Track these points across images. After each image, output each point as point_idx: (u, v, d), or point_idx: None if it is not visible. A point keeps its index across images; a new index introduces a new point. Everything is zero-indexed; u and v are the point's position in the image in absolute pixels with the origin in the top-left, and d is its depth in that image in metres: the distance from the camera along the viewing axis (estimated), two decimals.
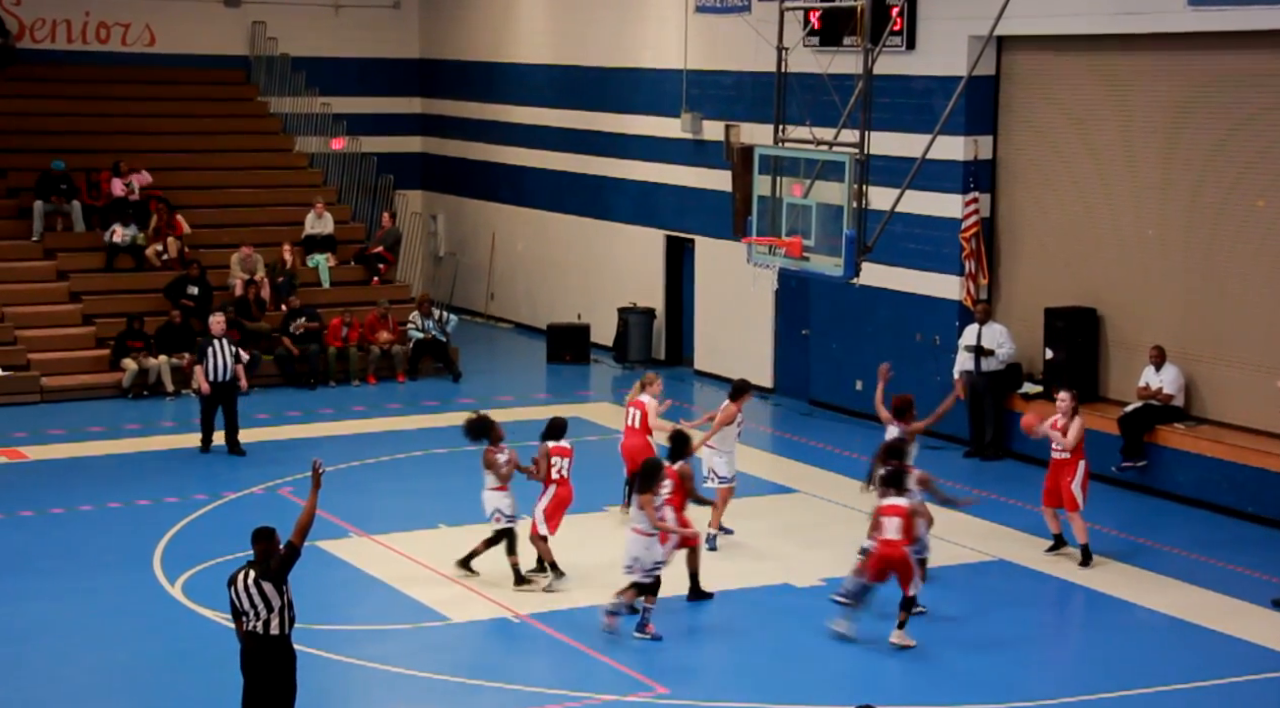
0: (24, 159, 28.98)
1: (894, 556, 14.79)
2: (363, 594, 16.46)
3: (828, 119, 20.37)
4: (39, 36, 31.51)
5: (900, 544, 14.81)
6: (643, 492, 15.16)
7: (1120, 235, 21.18)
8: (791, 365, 25.74)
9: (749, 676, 14.48)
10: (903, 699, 13.82)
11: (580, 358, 28.47)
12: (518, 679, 14.25)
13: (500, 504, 16.45)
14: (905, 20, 22.52)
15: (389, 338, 27.27)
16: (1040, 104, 22.05)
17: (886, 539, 14.85)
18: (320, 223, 29.15)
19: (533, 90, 31.34)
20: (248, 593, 11.64)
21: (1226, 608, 16.24)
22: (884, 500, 15.12)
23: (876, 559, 14.92)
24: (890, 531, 14.85)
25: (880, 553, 14.87)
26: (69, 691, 14.07)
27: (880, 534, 14.91)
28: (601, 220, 29.64)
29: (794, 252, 18.82)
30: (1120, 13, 20.24)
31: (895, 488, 15.14)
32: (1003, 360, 21.82)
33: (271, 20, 32.94)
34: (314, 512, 11.92)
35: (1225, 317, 20.00)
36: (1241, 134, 19.58)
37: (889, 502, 15.01)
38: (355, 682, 14.30)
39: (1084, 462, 17.31)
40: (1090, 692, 14.03)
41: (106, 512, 19.38)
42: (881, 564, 14.88)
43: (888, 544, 14.84)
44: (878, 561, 14.89)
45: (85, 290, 27.15)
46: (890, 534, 14.83)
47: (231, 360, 21.91)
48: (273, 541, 11.83)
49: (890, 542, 14.83)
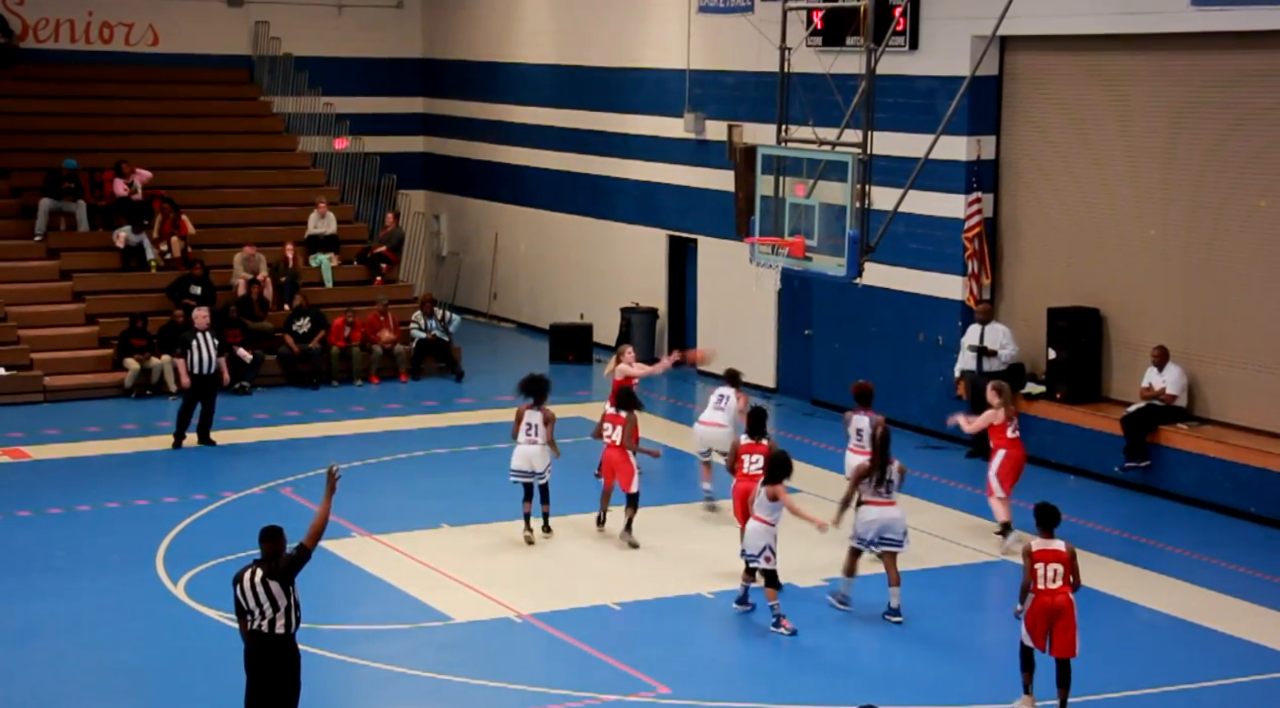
0: (27, 158, 29.00)
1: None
2: (365, 594, 16.46)
3: (830, 119, 20.37)
4: (42, 36, 31.53)
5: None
6: (774, 482, 15.16)
7: (1123, 235, 21.17)
8: (794, 365, 25.74)
9: (751, 675, 14.48)
10: (905, 699, 13.81)
11: (583, 358, 28.47)
12: (520, 679, 14.25)
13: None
14: (908, 20, 22.52)
15: (391, 338, 27.28)
16: (1043, 104, 22.04)
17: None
18: (323, 223, 29.17)
19: (536, 90, 31.35)
20: (254, 591, 11.63)
21: (1229, 608, 16.24)
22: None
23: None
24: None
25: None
26: (72, 690, 14.06)
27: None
28: (604, 220, 29.64)
29: (797, 252, 18.83)
30: (1123, 13, 20.24)
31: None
32: (1005, 361, 21.81)
33: (275, 20, 32.95)
34: (328, 516, 11.94)
35: (1228, 317, 19.99)
36: (1245, 134, 19.57)
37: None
38: (357, 681, 14.30)
39: (1006, 451, 17.75)
40: (1093, 692, 14.01)
41: (108, 511, 19.39)
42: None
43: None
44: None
45: (88, 290, 27.16)
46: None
47: (215, 354, 22.03)
48: (280, 539, 11.83)
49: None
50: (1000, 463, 17.83)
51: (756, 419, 17.09)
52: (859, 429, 17.65)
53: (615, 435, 17.95)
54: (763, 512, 15.19)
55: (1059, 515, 13.52)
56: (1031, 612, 13.19)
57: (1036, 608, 13.16)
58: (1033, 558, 13.21)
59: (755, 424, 17.03)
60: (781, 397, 25.69)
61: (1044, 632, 13.16)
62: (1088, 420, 21.00)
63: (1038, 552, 13.23)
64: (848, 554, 16.04)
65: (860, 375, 24.02)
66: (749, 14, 25.22)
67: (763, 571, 15.23)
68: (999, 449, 17.85)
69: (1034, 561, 13.19)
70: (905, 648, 15.14)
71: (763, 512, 15.19)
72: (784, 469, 15.24)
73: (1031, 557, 13.22)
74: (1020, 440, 18.05)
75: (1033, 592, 13.18)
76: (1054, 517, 13.44)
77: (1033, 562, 13.19)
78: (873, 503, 15.73)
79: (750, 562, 15.32)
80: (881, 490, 15.76)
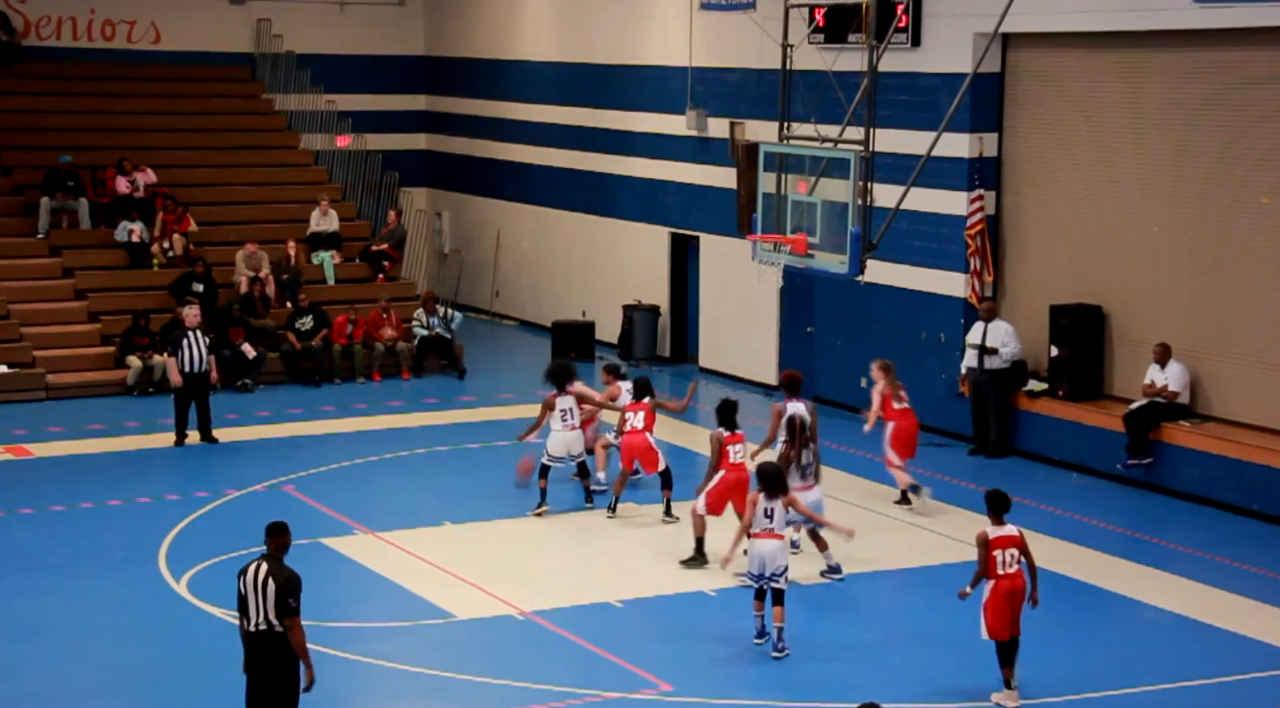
0: (29, 156, 29.02)
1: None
2: (367, 591, 16.46)
3: (833, 116, 20.37)
4: (44, 33, 31.54)
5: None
6: (780, 495, 14.80)
7: (1125, 233, 21.16)
8: (796, 363, 25.64)
9: (754, 673, 14.47)
10: (907, 698, 13.81)
11: (585, 355, 28.45)
12: (522, 676, 14.24)
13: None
14: (910, 17, 22.51)
15: (393, 335, 27.29)
16: (1045, 101, 22.03)
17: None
18: (325, 220, 29.17)
19: (538, 87, 31.34)
20: (255, 588, 11.61)
21: (1233, 605, 16.23)
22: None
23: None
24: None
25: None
26: (75, 688, 14.07)
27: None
28: (606, 217, 29.63)
29: (799, 249, 18.82)
30: (1125, 10, 20.22)
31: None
32: (1008, 359, 21.79)
33: (277, 17, 32.95)
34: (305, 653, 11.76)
35: (1230, 314, 19.98)
36: (1250, 133, 19.55)
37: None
38: (359, 679, 14.30)
39: (895, 422, 19.05)
40: (1096, 689, 14.02)
41: (111, 509, 19.39)
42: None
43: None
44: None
45: (91, 287, 27.17)
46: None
47: (206, 352, 22.06)
48: (286, 535, 11.82)
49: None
50: (891, 434, 19.09)
51: (727, 412, 17.21)
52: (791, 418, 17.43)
53: (637, 422, 18.51)
54: (779, 527, 14.77)
55: (1009, 502, 13.73)
56: (995, 597, 13.45)
57: (1000, 593, 13.44)
58: (990, 545, 13.48)
59: (727, 417, 17.16)
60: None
61: (1008, 615, 13.45)
62: (1090, 418, 21.00)
63: (994, 539, 13.51)
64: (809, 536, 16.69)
65: (863, 373, 24.10)
66: (751, 11, 25.20)
67: (778, 590, 14.68)
68: (889, 421, 19.07)
69: (991, 548, 13.48)
70: (906, 646, 15.13)
71: (779, 527, 14.77)
72: (781, 480, 14.99)
73: (989, 545, 13.49)
74: (910, 411, 19.16)
75: (992, 578, 13.45)
76: (1005, 504, 13.67)
77: (990, 549, 13.47)
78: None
79: (774, 582, 14.65)
80: (801, 476, 16.43)
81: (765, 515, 14.68)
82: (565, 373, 18.94)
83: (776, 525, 14.71)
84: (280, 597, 11.54)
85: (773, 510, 14.67)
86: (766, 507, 14.67)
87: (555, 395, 18.74)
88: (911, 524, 18.91)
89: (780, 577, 14.64)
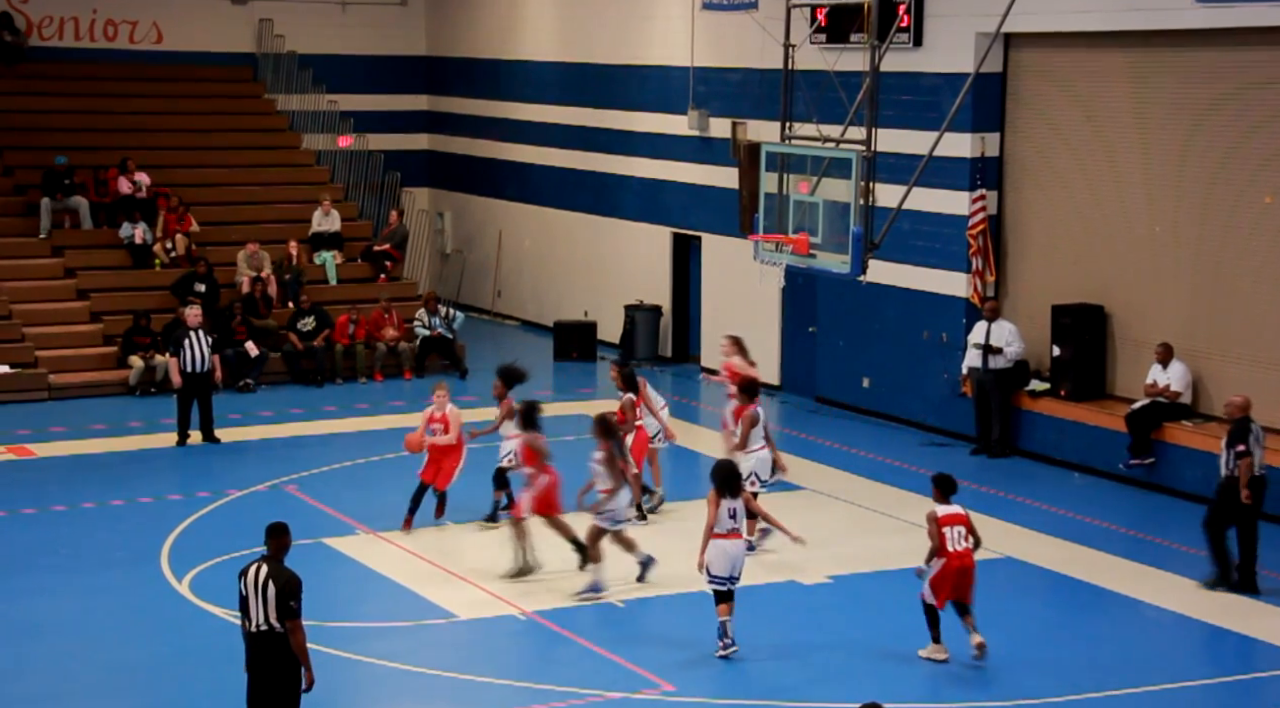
0: (32, 157, 29.03)
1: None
2: (369, 591, 16.47)
3: (834, 116, 20.36)
4: (47, 34, 31.56)
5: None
6: (738, 493, 14.66)
7: (1127, 232, 21.16)
8: (798, 363, 25.74)
9: (756, 673, 14.46)
10: (909, 697, 13.81)
11: (587, 355, 28.47)
12: (524, 676, 14.25)
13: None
14: (912, 17, 22.50)
15: (395, 335, 27.30)
16: (1047, 101, 22.03)
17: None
18: (327, 220, 29.18)
19: (540, 87, 31.34)
20: (256, 589, 11.60)
21: (1235, 605, 16.21)
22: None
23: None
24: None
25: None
26: (76, 688, 14.07)
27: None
28: (608, 217, 29.64)
29: (801, 249, 18.81)
30: (1127, 9, 20.22)
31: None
32: (1011, 359, 21.79)
33: (279, 18, 32.96)
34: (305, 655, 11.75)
35: (1232, 314, 19.97)
36: (1252, 133, 19.54)
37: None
38: (361, 679, 14.30)
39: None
40: (1098, 689, 14.01)
41: (113, 509, 19.40)
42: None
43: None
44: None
45: (92, 288, 27.18)
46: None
47: (208, 352, 22.05)
48: (286, 536, 11.80)
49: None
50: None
51: (529, 415, 17.11)
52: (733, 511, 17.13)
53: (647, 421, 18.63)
54: (742, 526, 14.69)
55: (956, 484, 14.46)
56: (944, 572, 14.18)
57: (950, 569, 14.19)
58: (939, 523, 14.23)
59: (527, 420, 17.07)
60: (786, 394, 25.69)
61: (951, 589, 14.22)
62: (1092, 417, 20.99)
63: (943, 517, 14.26)
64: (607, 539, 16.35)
65: (865, 372, 24.18)
66: (753, 11, 25.21)
67: (726, 591, 14.54)
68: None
69: (940, 526, 14.21)
70: (909, 644, 15.10)
71: (742, 526, 14.69)
72: (736, 479, 14.76)
73: (938, 522, 14.24)
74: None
75: (944, 555, 14.17)
76: (951, 485, 14.42)
77: (939, 527, 14.20)
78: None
79: (734, 585, 14.57)
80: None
81: (729, 516, 14.56)
82: (517, 375, 18.48)
83: (740, 525, 14.65)
84: (281, 599, 11.53)
85: (735, 510, 14.57)
86: (730, 507, 14.57)
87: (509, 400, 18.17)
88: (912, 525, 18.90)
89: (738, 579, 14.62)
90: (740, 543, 14.59)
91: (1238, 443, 16.40)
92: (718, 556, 14.52)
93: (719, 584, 14.56)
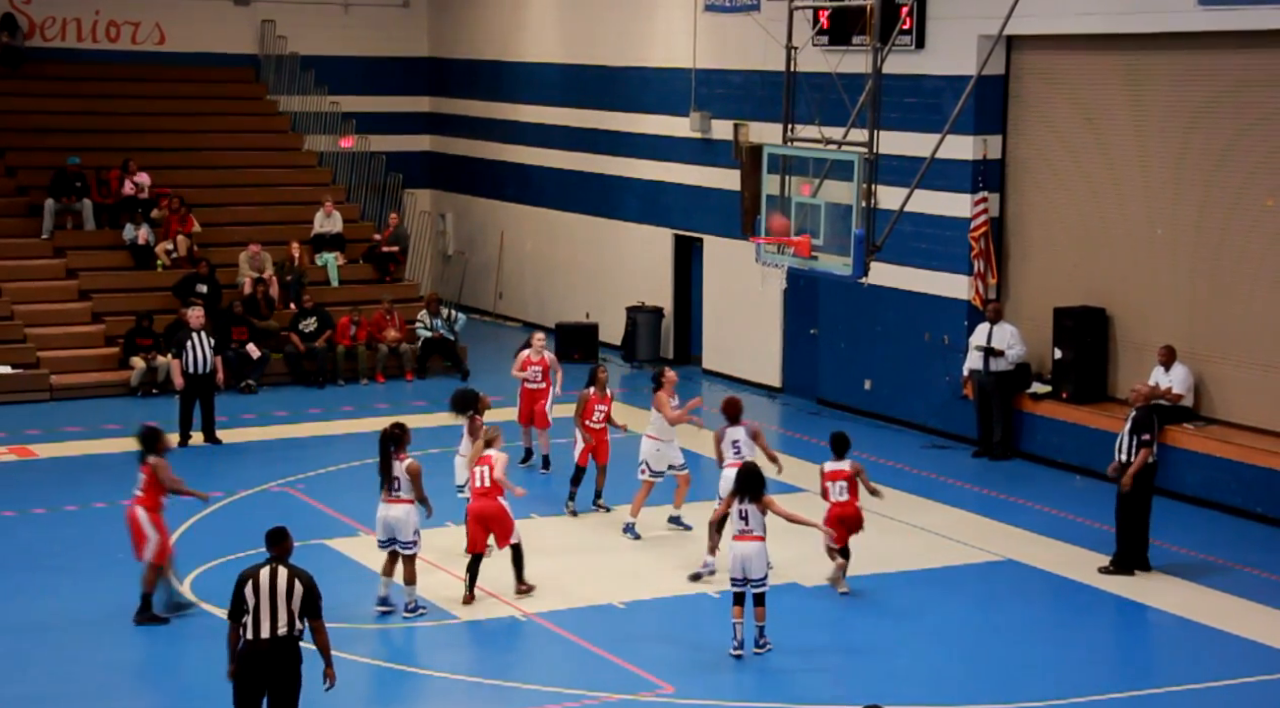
0: (34, 157, 29.06)
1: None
2: (370, 592, 16.43)
3: (837, 118, 20.33)
4: (49, 35, 31.58)
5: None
6: (760, 497, 14.58)
7: (1130, 235, 21.16)
8: (800, 365, 25.73)
9: (755, 675, 14.46)
10: (910, 699, 13.80)
11: (589, 357, 28.45)
12: (525, 678, 14.25)
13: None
14: (915, 19, 22.51)
15: (397, 336, 27.31)
16: (1050, 103, 22.03)
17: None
18: (329, 221, 29.19)
19: (541, 89, 31.35)
20: (274, 594, 11.41)
21: (1235, 608, 16.22)
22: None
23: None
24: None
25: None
26: (77, 688, 14.08)
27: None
28: (610, 219, 29.64)
29: (803, 251, 18.79)
30: (1130, 12, 20.22)
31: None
32: (1012, 361, 21.78)
33: (281, 19, 32.98)
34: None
35: (1234, 317, 19.96)
36: (1253, 135, 19.54)
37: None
38: (361, 680, 14.30)
39: (554, 388, 20.60)
40: (1098, 692, 14.01)
41: (115, 509, 19.30)
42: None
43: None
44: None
45: (94, 288, 27.19)
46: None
47: (210, 353, 22.07)
48: (289, 539, 11.75)
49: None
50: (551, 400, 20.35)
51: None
52: (735, 442, 17.19)
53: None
54: (757, 528, 14.57)
55: (849, 443, 16.56)
56: (827, 517, 16.23)
57: (832, 515, 16.28)
58: (824, 477, 16.44)
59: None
60: (787, 396, 25.68)
61: (844, 533, 16.31)
62: (1094, 420, 20.98)
63: (828, 472, 16.45)
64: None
65: (867, 374, 24.17)
66: (755, 13, 25.21)
67: (759, 594, 14.56)
68: (550, 387, 20.63)
69: (825, 479, 16.43)
70: (909, 648, 15.13)
71: (757, 528, 14.57)
72: (760, 481, 14.72)
73: (823, 476, 16.45)
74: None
75: (827, 502, 16.33)
76: (845, 444, 16.51)
77: (824, 481, 16.42)
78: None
79: (756, 586, 14.54)
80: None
81: (740, 517, 14.55)
82: (470, 400, 18.01)
83: (754, 527, 14.53)
84: (311, 598, 11.52)
85: (747, 512, 14.54)
86: (741, 508, 14.56)
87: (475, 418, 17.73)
88: (913, 527, 18.91)
89: (764, 580, 14.53)
90: (751, 545, 14.51)
91: (1143, 431, 16.90)
92: (730, 556, 14.64)
93: (733, 585, 14.63)
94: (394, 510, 15.65)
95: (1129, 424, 17.11)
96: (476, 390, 18.35)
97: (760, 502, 14.55)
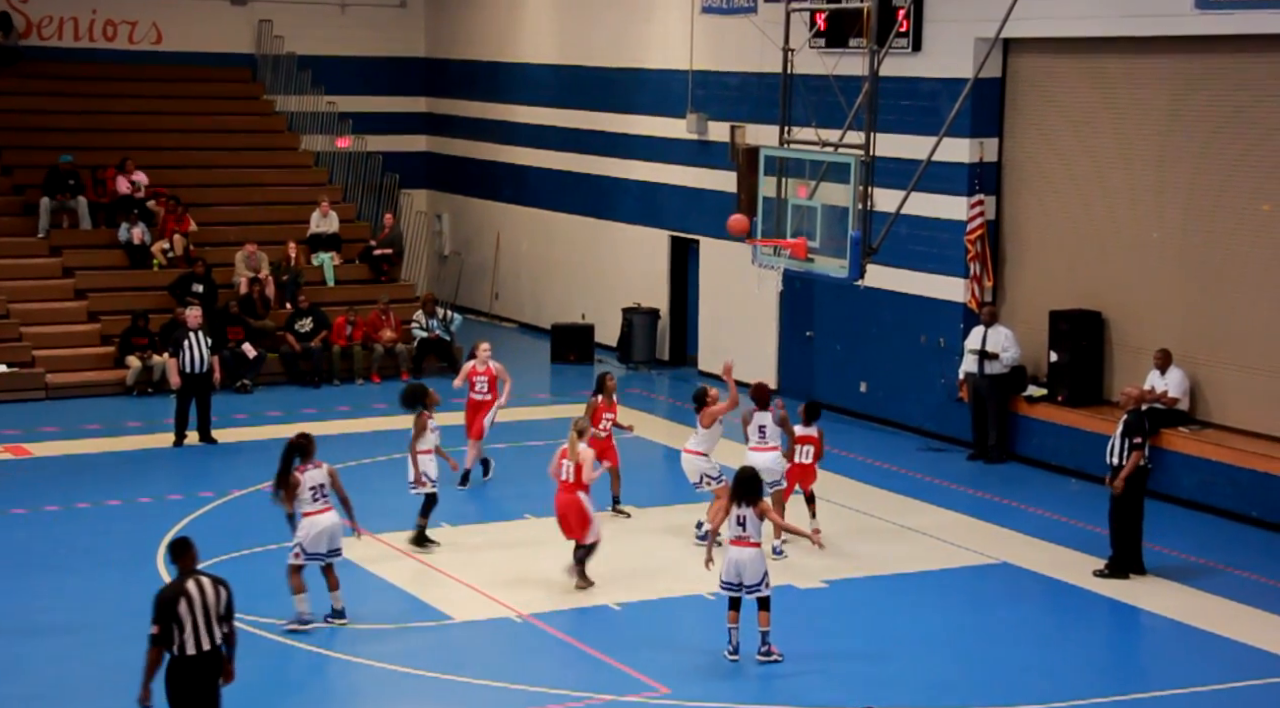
0: (30, 156, 29.04)
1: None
2: (365, 593, 16.44)
3: (833, 120, 20.38)
4: (46, 34, 31.57)
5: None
6: (758, 501, 14.51)
7: (1125, 238, 21.18)
8: (795, 367, 25.74)
9: (751, 677, 14.47)
10: (905, 702, 13.81)
11: (584, 358, 28.48)
12: (520, 679, 14.25)
13: (429, 468, 17.52)
14: (911, 22, 22.51)
15: (392, 337, 27.31)
16: (1046, 107, 22.04)
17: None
18: (325, 221, 29.18)
19: (538, 90, 31.36)
20: (204, 605, 11.26)
21: (1229, 612, 16.23)
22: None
23: None
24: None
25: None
26: (73, 689, 14.06)
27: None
28: (606, 221, 29.65)
29: (799, 253, 18.83)
30: (1127, 15, 20.24)
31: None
32: (1007, 364, 21.80)
33: (278, 19, 32.98)
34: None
35: (1230, 320, 19.99)
36: (1251, 139, 19.56)
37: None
38: (357, 681, 14.30)
39: (500, 398, 20.37)
40: (1092, 695, 14.03)
41: (110, 509, 19.40)
42: None
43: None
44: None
45: (90, 287, 27.18)
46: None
47: (207, 353, 22.08)
48: (195, 548, 11.59)
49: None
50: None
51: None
52: (761, 426, 17.49)
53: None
54: (755, 534, 14.47)
55: (820, 410, 18.03)
56: (789, 473, 17.59)
57: (791, 471, 17.64)
58: (793, 441, 17.65)
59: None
60: (783, 398, 25.65)
61: (793, 483, 17.64)
62: (1089, 423, 21.00)
63: (798, 437, 17.70)
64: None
65: (863, 377, 24.19)
66: (752, 15, 25.22)
67: (762, 598, 14.48)
68: (496, 398, 20.43)
69: (794, 443, 17.66)
70: (905, 649, 15.13)
71: (755, 534, 14.47)
72: (758, 486, 14.71)
73: (792, 440, 17.66)
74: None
75: (789, 462, 17.58)
76: (816, 411, 17.93)
77: (792, 444, 17.65)
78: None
79: (755, 591, 14.46)
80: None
81: (738, 522, 14.47)
82: (419, 395, 17.89)
83: (751, 534, 14.44)
84: (231, 602, 11.43)
85: (744, 517, 14.46)
86: (739, 514, 14.49)
87: (425, 415, 17.66)
88: (910, 530, 18.93)
89: (760, 586, 14.44)
90: (747, 551, 14.40)
91: (1135, 434, 16.92)
92: (724, 562, 14.53)
93: (727, 590, 14.54)
94: (332, 517, 15.41)
95: (1120, 428, 17.13)
96: (426, 386, 18.26)
97: (758, 507, 14.52)
